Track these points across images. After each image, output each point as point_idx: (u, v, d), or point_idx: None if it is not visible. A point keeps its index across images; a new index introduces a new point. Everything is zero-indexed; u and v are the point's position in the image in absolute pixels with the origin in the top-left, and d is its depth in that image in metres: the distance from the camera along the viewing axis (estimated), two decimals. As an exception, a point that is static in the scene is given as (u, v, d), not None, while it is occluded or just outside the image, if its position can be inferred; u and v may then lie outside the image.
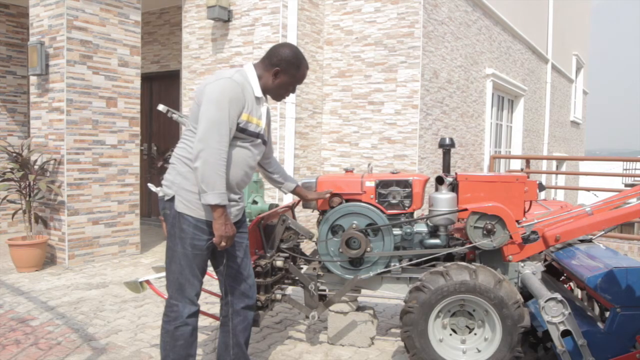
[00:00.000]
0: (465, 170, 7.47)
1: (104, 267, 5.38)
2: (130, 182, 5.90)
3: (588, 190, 6.49)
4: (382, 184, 3.11)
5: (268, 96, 2.56)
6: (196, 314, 2.44)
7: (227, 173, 2.34)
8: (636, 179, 16.34)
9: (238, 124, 2.33)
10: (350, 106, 6.35)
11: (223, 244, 2.32)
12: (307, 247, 5.56)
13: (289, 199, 5.84)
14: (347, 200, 3.13)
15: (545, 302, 2.43)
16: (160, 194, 2.45)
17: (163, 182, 2.45)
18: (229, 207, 2.42)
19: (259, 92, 2.44)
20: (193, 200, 2.33)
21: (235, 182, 2.42)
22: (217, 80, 2.31)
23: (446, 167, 3.47)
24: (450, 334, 2.82)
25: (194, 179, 2.32)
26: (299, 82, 2.60)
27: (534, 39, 10.66)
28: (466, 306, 2.79)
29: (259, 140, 2.50)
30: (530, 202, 3.04)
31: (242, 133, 2.37)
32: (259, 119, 2.45)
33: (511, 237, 2.85)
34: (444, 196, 3.01)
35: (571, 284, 3.36)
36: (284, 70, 2.47)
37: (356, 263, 3.09)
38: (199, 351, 3.26)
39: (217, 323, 3.69)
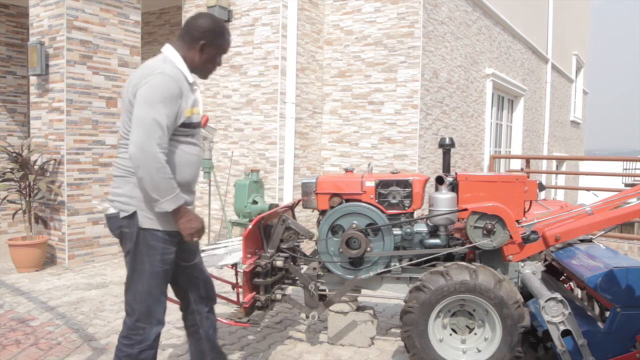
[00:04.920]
0: (465, 170, 7.47)
1: (104, 267, 5.38)
2: (130, 182, 5.89)
3: (588, 190, 6.49)
4: (382, 184, 3.11)
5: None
6: (160, 334, 2.28)
7: (180, 174, 2.21)
8: (636, 179, 16.33)
9: (183, 121, 2.18)
10: (350, 106, 6.35)
11: (195, 239, 2.22)
12: (307, 247, 5.56)
13: (289, 198, 5.84)
14: (347, 200, 3.13)
15: (546, 302, 2.43)
16: (112, 211, 2.21)
17: (115, 198, 2.22)
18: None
19: (190, 77, 2.27)
20: (158, 212, 2.15)
21: (189, 181, 2.28)
22: (149, 78, 2.10)
23: (446, 167, 3.47)
24: (451, 334, 2.82)
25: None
26: (226, 51, 2.39)
27: (534, 39, 10.66)
28: (466, 306, 2.79)
29: (199, 128, 2.35)
30: (530, 202, 3.05)
31: (187, 128, 2.22)
32: (197, 106, 2.28)
33: (511, 237, 2.85)
34: (444, 196, 3.01)
35: (571, 283, 3.36)
36: (209, 43, 2.27)
37: (356, 263, 3.09)
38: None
39: (218, 323, 3.68)
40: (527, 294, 2.87)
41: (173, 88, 2.11)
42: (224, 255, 3.25)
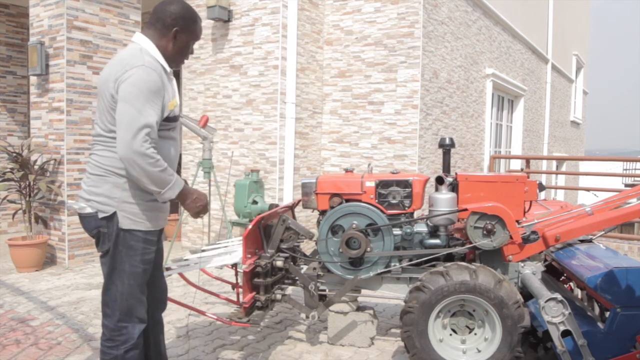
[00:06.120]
0: (465, 170, 7.47)
1: (104, 267, 5.37)
2: (130, 182, 5.89)
3: (588, 190, 6.49)
4: (382, 184, 3.11)
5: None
6: (142, 332, 2.25)
7: None
8: (636, 179, 16.34)
9: (167, 115, 2.14)
10: (350, 106, 6.35)
11: (201, 216, 2.25)
12: (307, 247, 5.56)
13: (289, 198, 5.84)
14: (347, 200, 3.13)
15: (546, 302, 2.43)
16: (89, 210, 2.14)
17: (91, 197, 2.14)
18: (162, 211, 2.25)
19: (167, 66, 2.22)
20: (138, 212, 2.14)
21: None
22: (132, 71, 2.03)
23: (446, 167, 3.47)
24: (450, 334, 2.82)
25: (134, 188, 2.13)
26: (198, 38, 2.33)
27: (534, 39, 10.66)
28: (466, 306, 2.79)
29: (179, 121, 2.32)
30: (530, 202, 3.05)
31: (169, 122, 2.18)
32: (175, 97, 2.24)
33: (511, 237, 2.85)
34: (444, 196, 3.01)
35: (571, 284, 3.36)
36: (182, 29, 2.20)
37: (356, 263, 3.09)
38: (198, 351, 3.26)
39: (218, 323, 3.69)
40: (527, 294, 2.87)
41: (157, 81, 2.07)
42: (223, 255, 3.25)
